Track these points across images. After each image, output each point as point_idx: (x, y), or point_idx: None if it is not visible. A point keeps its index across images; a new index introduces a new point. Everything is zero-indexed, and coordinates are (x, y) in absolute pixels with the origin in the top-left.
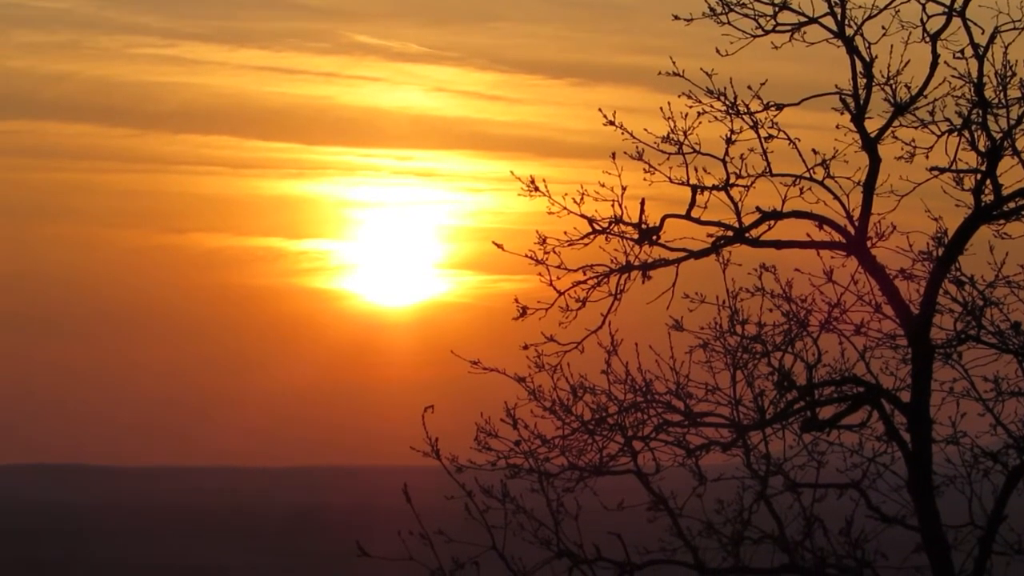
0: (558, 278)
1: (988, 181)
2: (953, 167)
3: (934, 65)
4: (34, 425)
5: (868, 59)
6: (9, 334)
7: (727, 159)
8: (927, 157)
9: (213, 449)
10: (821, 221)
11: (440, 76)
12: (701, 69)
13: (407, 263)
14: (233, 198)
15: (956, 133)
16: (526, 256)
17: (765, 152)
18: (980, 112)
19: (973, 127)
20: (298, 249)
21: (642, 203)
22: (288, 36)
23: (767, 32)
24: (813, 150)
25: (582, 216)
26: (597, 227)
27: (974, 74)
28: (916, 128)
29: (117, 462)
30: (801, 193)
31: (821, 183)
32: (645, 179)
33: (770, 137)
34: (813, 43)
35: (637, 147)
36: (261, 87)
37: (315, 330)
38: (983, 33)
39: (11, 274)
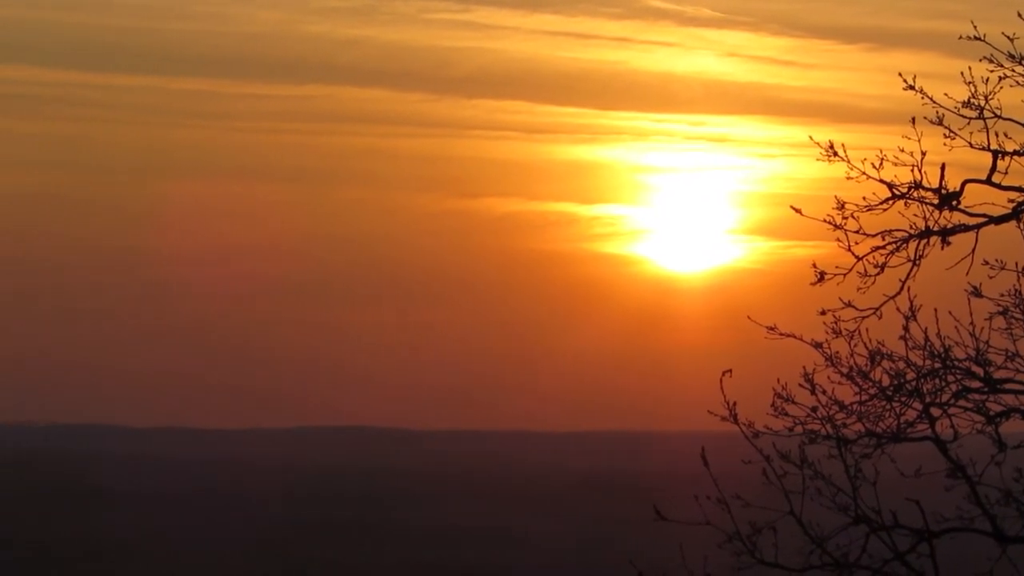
0: (856, 243)
1: None
2: None
3: None
4: (329, 388)
5: None
6: (306, 298)
7: None
8: None
9: (505, 413)
10: None
11: (733, 41)
12: (1003, 33)
13: (700, 228)
14: (526, 163)
15: None
16: (824, 221)
17: None
18: None
19: None
20: (591, 214)
21: (942, 168)
22: (582, 1)
23: None
24: None
25: (881, 181)
26: (896, 192)
27: None
28: None
29: (412, 425)
30: None
31: None
32: (945, 144)
33: None
34: None
35: (937, 112)
36: (555, 52)
37: (608, 295)
38: None
39: (307, 237)
